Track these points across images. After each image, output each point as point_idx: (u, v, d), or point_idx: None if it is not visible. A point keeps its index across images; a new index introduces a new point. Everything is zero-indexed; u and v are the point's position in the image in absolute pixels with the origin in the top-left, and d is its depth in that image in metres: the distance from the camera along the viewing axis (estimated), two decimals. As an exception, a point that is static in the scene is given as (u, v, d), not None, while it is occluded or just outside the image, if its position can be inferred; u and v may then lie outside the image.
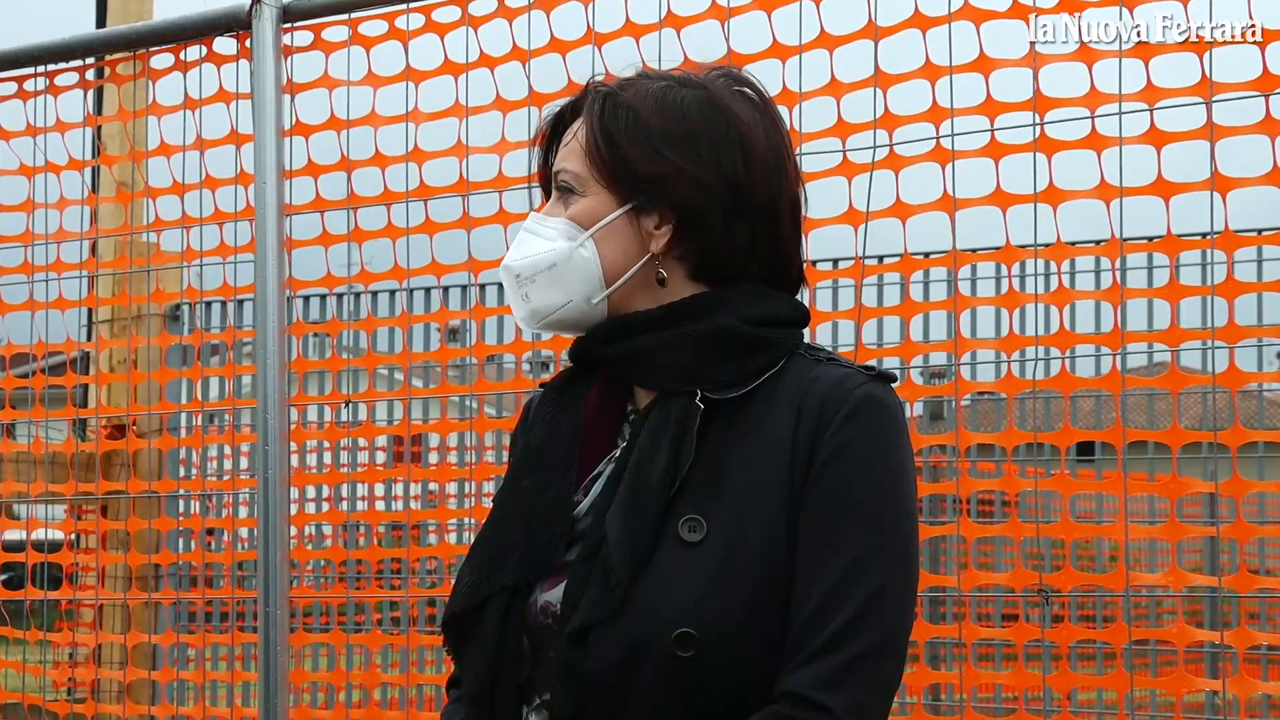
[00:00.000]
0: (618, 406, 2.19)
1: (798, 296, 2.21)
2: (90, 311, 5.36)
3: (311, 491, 8.26)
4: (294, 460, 6.71)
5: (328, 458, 8.24)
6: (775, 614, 1.97)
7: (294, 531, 6.01)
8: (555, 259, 2.12)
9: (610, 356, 2.16)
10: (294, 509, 4.70)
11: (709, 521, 2.00)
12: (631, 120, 2.12)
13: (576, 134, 2.15)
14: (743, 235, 2.13)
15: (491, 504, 2.25)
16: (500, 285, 6.23)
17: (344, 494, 7.62)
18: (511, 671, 2.07)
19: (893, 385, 2.10)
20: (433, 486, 8.68)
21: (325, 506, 7.88)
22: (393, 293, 6.19)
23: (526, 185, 4.14)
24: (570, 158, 2.15)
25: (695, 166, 2.11)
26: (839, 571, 1.96)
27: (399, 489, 7.98)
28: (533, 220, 2.17)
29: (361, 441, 7.71)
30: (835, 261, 5.21)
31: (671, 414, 2.07)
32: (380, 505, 7.87)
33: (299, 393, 4.94)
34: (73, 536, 5.31)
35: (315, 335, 6.16)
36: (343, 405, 4.80)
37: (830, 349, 2.22)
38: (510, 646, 2.07)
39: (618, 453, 2.13)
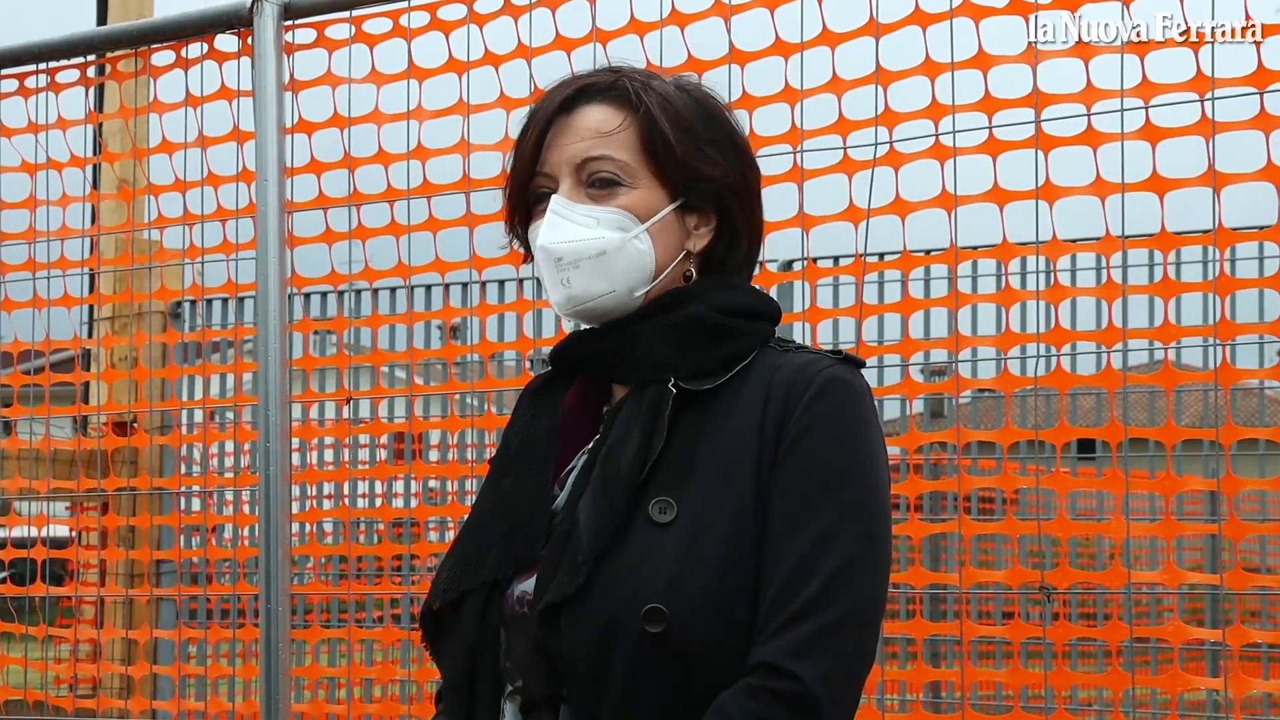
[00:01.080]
0: (595, 408, 2.22)
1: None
2: (92, 309, 5.37)
3: (313, 489, 8.27)
4: (296, 458, 6.72)
5: (329, 454, 8.25)
6: (746, 592, 2.00)
7: (296, 528, 6.02)
8: (605, 247, 2.12)
9: (590, 355, 2.20)
10: (296, 506, 4.71)
11: (679, 504, 2.03)
12: (679, 118, 2.16)
13: (625, 125, 2.15)
14: (745, 237, 2.22)
15: (472, 506, 2.27)
16: (501, 284, 6.25)
17: (345, 491, 7.63)
18: (490, 664, 2.10)
19: (860, 369, 2.13)
20: (433, 484, 8.68)
21: (327, 504, 7.89)
22: (394, 290, 6.20)
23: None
24: (613, 147, 2.14)
25: (732, 168, 2.18)
26: (807, 545, 1.99)
27: (399, 486, 7.99)
28: (561, 205, 2.14)
29: (363, 439, 7.72)
30: (836, 259, 5.22)
31: (644, 402, 2.11)
32: (380, 502, 7.88)
33: (307, 389, 4.96)
34: (75, 533, 5.32)
35: (316, 332, 6.17)
36: (345, 402, 4.81)
37: (831, 346, 2.25)
38: (488, 639, 2.10)
39: (591, 446, 2.16)
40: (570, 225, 2.13)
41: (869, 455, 2.07)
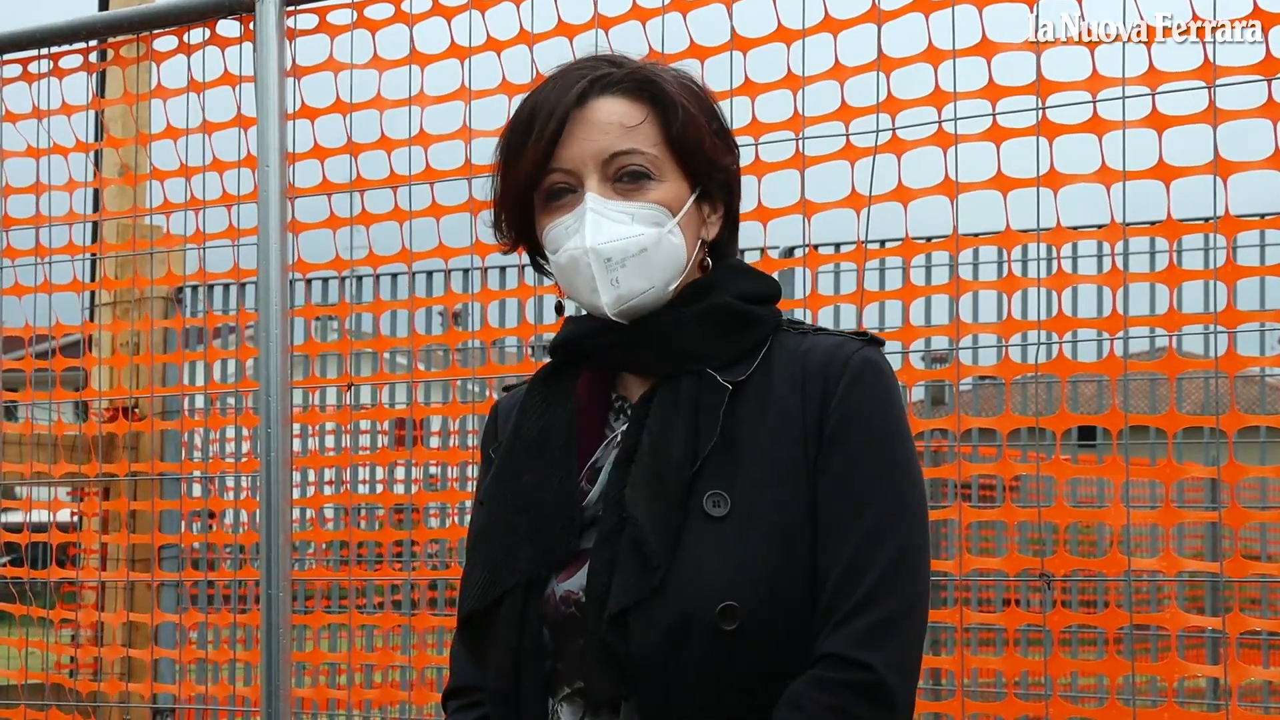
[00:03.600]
0: (603, 397, 2.20)
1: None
2: (93, 294, 5.36)
3: (313, 475, 8.27)
4: (297, 443, 6.71)
5: (330, 440, 8.25)
6: (804, 581, 2.01)
7: (296, 514, 6.02)
8: (645, 244, 2.11)
9: (608, 345, 2.18)
10: (297, 491, 4.71)
11: (732, 496, 2.02)
12: (692, 109, 2.16)
13: (647, 117, 2.13)
14: (738, 224, 2.25)
15: (482, 502, 2.23)
16: (504, 270, 6.24)
17: (345, 477, 7.63)
18: (535, 666, 2.07)
19: (882, 348, 2.15)
20: (433, 470, 8.69)
21: (328, 489, 7.89)
22: (395, 276, 6.20)
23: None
24: (639, 140, 2.12)
25: (735, 157, 2.21)
26: (864, 533, 2.01)
27: (399, 471, 7.99)
28: (598, 203, 2.11)
29: (363, 425, 7.72)
30: (838, 245, 5.22)
31: (682, 393, 2.09)
32: (380, 488, 7.88)
33: (311, 374, 4.96)
34: (77, 518, 5.33)
35: (319, 318, 6.16)
36: (345, 388, 4.81)
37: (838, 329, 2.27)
38: (531, 641, 2.07)
39: (618, 438, 2.14)
40: (611, 224, 2.10)
41: (907, 441, 2.10)
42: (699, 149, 2.14)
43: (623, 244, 2.09)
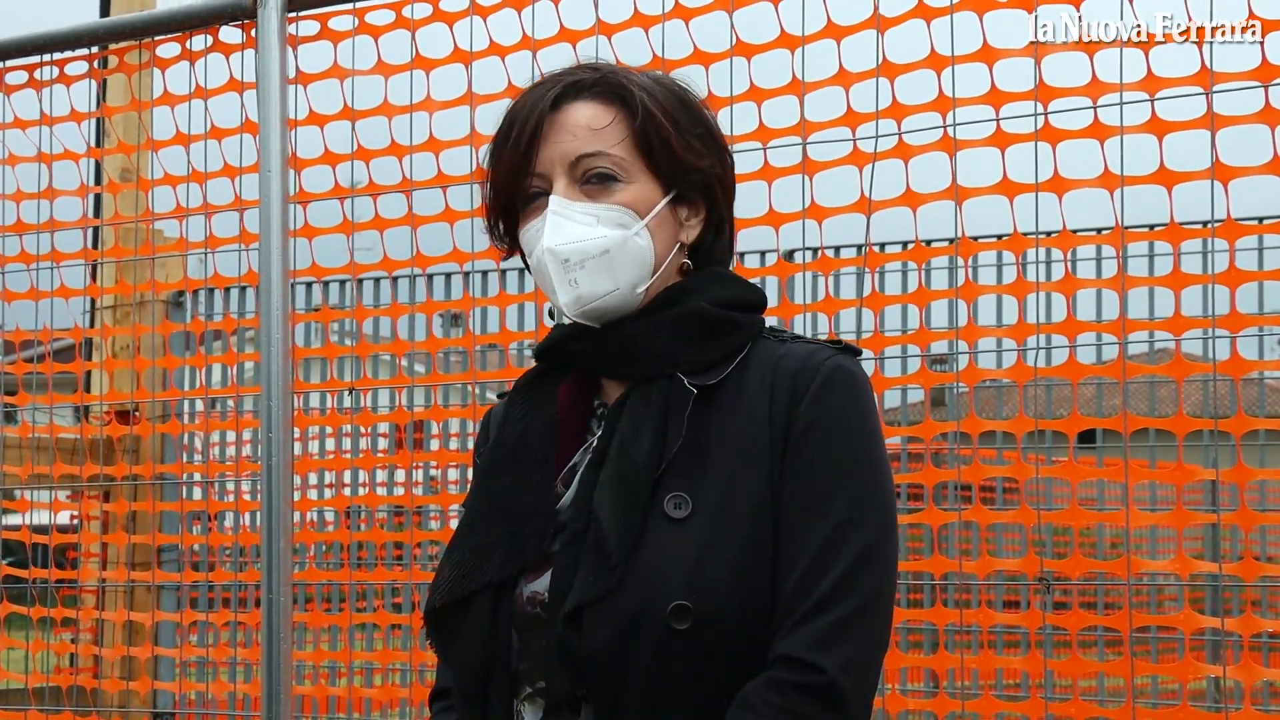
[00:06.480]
0: (585, 403, 2.22)
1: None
2: (93, 299, 5.37)
3: (314, 478, 8.29)
4: (298, 447, 6.72)
5: (330, 443, 8.26)
6: (764, 583, 2.01)
7: (296, 517, 6.02)
8: (608, 245, 2.12)
9: (584, 351, 2.19)
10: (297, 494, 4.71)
11: (694, 498, 2.03)
12: (666, 111, 2.17)
13: (615, 120, 2.15)
14: (728, 227, 2.25)
15: (464, 506, 2.26)
16: (504, 272, 6.24)
17: (346, 479, 7.64)
18: (503, 666, 2.09)
19: (859, 358, 2.16)
20: (434, 472, 8.70)
21: (328, 492, 7.91)
22: (397, 279, 6.21)
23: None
24: (606, 142, 2.14)
25: (718, 160, 2.21)
26: (824, 536, 2.01)
27: (400, 474, 8.00)
28: (560, 205, 2.13)
29: (364, 428, 7.73)
30: (838, 249, 5.23)
31: (652, 397, 2.11)
32: (382, 490, 7.89)
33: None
34: (77, 520, 5.34)
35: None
36: (346, 391, 4.82)
37: (828, 336, 2.27)
38: (501, 642, 2.09)
39: (594, 442, 2.16)
40: (573, 225, 2.12)
41: (877, 445, 2.10)
42: (669, 151, 2.15)
43: (581, 245, 2.11)
